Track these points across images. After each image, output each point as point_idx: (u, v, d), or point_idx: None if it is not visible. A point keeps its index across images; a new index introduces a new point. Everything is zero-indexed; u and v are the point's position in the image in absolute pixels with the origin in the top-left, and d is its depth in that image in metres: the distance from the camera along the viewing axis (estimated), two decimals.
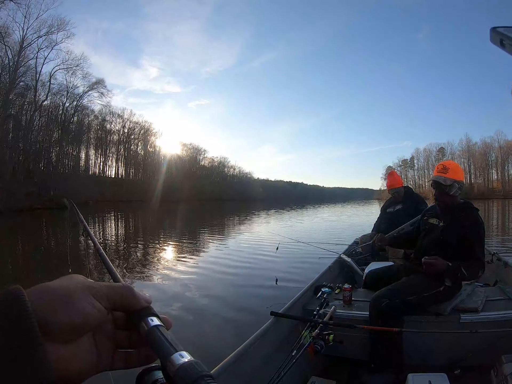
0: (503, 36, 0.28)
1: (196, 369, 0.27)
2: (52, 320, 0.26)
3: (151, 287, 4.98)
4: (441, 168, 2.29)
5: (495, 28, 0.30)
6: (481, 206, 35.43)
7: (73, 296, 0.28)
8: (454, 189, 2.26)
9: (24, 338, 0.24)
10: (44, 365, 0.24)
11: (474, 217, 2.25)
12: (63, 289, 0.28)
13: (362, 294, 2.64)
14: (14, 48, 35.47)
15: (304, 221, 19.28)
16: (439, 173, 2.29)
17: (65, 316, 0.27)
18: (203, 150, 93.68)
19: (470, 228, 2.19)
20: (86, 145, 58.54)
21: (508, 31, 0.29)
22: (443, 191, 2.29)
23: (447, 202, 2.33)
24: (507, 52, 0.28)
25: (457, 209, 2.30)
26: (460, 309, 2.22)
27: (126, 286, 0.33)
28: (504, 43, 0.29)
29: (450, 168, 2.27)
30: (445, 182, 2.24)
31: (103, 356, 0.31)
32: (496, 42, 0.29)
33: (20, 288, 0.26)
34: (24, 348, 0.24)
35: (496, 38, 0.29)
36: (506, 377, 1.74)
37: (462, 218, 2.24)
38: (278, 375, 1.70)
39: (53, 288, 0.28)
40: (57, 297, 0.27)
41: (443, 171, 2.27)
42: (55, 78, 43.22)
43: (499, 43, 0.29)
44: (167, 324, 0.33)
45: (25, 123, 38.04)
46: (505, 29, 0.29)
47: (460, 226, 2.22)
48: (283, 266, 6.13)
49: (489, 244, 6.77)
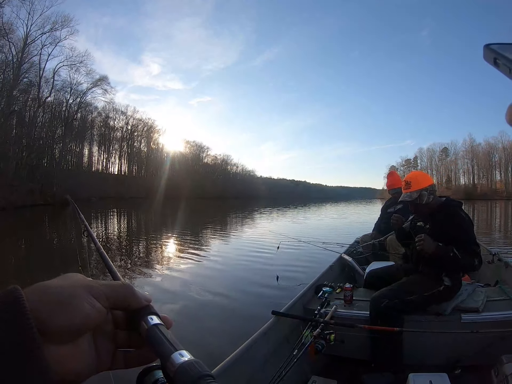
0: (497, 55, 0.26)
1: (196, 368, 0.27)
2: (51, 320, 0.26)
3: (151, 286, 4.99)
4: (405, 185, 2.38)
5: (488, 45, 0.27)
6: (484, 206, 35.36)
7: (72, 296, 0.28)
8: (424, 197, 2.31)
9: (23, 339, 0.23)
10: (43, 366, 0.24)
11: (455, 214, 2.27)
12: (61, 289, 0.28)
13: (363, 293, 2.65)
14: (18, 44, 35.59)
15: (306, 221, 19.25)
16: (404, 191, 2.37)
17: (64, 316, 0.26)
18: (206, 148, 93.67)
19: (453, 225, 2.21)
20: (89, 142, 58.59)
21: (502, 49, 0.26)
22: (415, 205, 2.36)
23: (425, 211, 2.37)
24: (501, 71, 0.26)
25: (437, 210, 2.33)
26: (461, 309, 2.23)
27: (126, 284, 0.33)
28: (498, 62, 0.26)
29: (411, 181, 2.35)
30: (411, 198, 2.31)
31: (103, 356, 0.31)
32: (489, 60, 0.27)
33: (18, 288, 0.25)
34: (23, 349, 0.23)
35: (490, 56, 0.27)
36: (507, 377, 1.74)
37: (444, 218, 2.26)
38: (279, 375, 1.71)
39: (52, 288, 0.27)
40: (56, 297, 0.27)
41: (406, 187, 2.36)
42: (58, 74, 43.26)
43: (492, 61, 0.27)
44: (168, 323, 0.32)
45: (28, 120, 38.08)
46: (499, 47, 0.27)
47: (443, 225, 2.24)
48: (284, 265, 6.12)
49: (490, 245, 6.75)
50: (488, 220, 19.36)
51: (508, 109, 0.22)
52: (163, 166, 73.82)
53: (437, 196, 2.39)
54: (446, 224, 2.22)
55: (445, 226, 2.22)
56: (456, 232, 2.19)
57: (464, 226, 2.22)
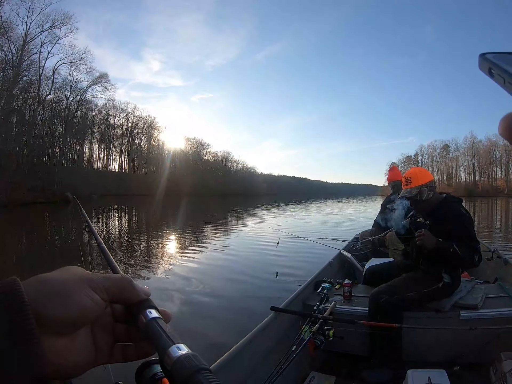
0: (492, 65, 0.25)
1: (194, 362, 0.26)
2: (49, 312, 0.26)
3: (151, 281, 5.02)
4: (404, 181, 2.38)
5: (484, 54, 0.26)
6: (485, 204, 35.31)
7: (70, 288, 0.27)
8: (424, 193, 2.31)
9: (20, 330, 0.23)
10: (40, 358, 0.24)
11: (455, 210, 2.28)
12: (60, 281, 0.28)
13: (362, 289, 2.66)
14: (18, 42, 35.68)
15: (306, 217, 19.25)
16: (404, 187, 2.37)
17: (62, 308, 0.26)
18: (206, 145, 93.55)
19: (453, 221, 2.21)
20: (90, 139, 58.54)
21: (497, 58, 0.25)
22: (415, 201, 2.36)
23: (424, 207, 2.38)
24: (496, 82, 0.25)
25: (437, 207, 2.34)
26: (460, 306, 2.24)
27: (125, 278, 0.32)
28: (492, 72, 0.25)
29: (411, 177, 2.35)
30: (411, 194, 2.32)
31: (101, 349, 0.31)
32: (484, 70, 0.26)
33: (16, 279, 0.26)
34: (19, 340, 0.23)
35: (485, 65, 0.26)
36: (505, 374, 1.75)
37: (444, 214, 2.27)
38: (278, 370, 1.71)
39: (50, 280, 0.27)
40: (54, 289, 0.27)
41: (407, 183, 2.36)
42: (58, 72, 43.35)
43: (487, 71, 0.26)
44: (166, 317, 0.32)
45: (29, 118, 38.10)
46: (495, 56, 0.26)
47: (443, 222, 2.24)
48: (283, 261, 6.15)
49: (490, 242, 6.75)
50: (489, 217, 19.34)
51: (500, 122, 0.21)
52: (164, 163, 73.80)
53: (437, 192, 2.39)
54: (446, 220, 2.23)
55: (445, 222, 2.22)
56: (456, 228, 2.19)
57: (464, 223, 2.23)
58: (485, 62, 0.26)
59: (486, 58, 0.26)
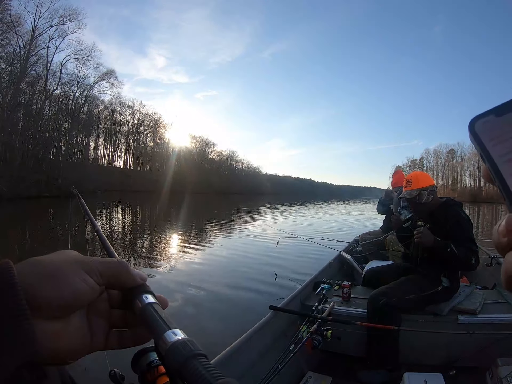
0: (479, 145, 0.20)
1: (189, 347, 0.25)
2: (41, 294, 0.25)
3: (151, 280, 5.01)
4: (406, 183, 2.43)
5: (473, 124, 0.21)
6: (489, 209, 35.03)
7: (63, 271, 0.27)
8: (423, 196, 2.34)
9: (10, 310, 0.23)
10: (31, 340, 0.23)
11: (454, 214, 2.29)
12: (53, 263, 0.27)
13: (361, 291, 2.67)
14: (26, 37, 35.75)
15: (307, 218, 19.22)
16: (405, 189, 2.42)
17: (54, 290, 0.26)
18: (212, 143, 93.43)
19: (452, 224, 2.23)
20: (96, 135, 58.62)
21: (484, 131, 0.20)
22: (414, 203, 2.40)
23: (423, 210, 2.41)
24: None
25: (437, 210, 2.36)
26: (458, 310, 2.24)
27: (121, 261, 0.32)
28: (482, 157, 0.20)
29: (412, 179, 2.39)
30: (411, 195, 2.35)
31: (97, 335, 0.30)
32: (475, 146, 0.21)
33: (9, 261, 0.25)
34: (10, 321, 0.23)
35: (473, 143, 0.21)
36: (501, 379, 1.75)
37: (443, 217, 2.29)
38: (275, 369, 1.73)
39: (43, 262, 0.27)
40: (47, 271, 0.26)
41: (407, 185, 2.40)
42: (66, 67, 43.36)
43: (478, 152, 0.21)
44: (163, 303, 0.32)
45: (35, 112, 38.30)
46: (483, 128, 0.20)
47: (442, 225, 2.26)
48: (283, 261, 6.17)
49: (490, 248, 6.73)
50: (493, 223, 19.21)
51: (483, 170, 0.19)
52: (169, 160, 73.90)
53: (438, 197, 2.41)
54: (445, 222, 2.25)
55: (444, 224, 2.25)
56: (455, 230, 2.21)
57: (463, 225, 2.25)
58: (473, 141, 0.21)
59: (474, 133, 0.21)
